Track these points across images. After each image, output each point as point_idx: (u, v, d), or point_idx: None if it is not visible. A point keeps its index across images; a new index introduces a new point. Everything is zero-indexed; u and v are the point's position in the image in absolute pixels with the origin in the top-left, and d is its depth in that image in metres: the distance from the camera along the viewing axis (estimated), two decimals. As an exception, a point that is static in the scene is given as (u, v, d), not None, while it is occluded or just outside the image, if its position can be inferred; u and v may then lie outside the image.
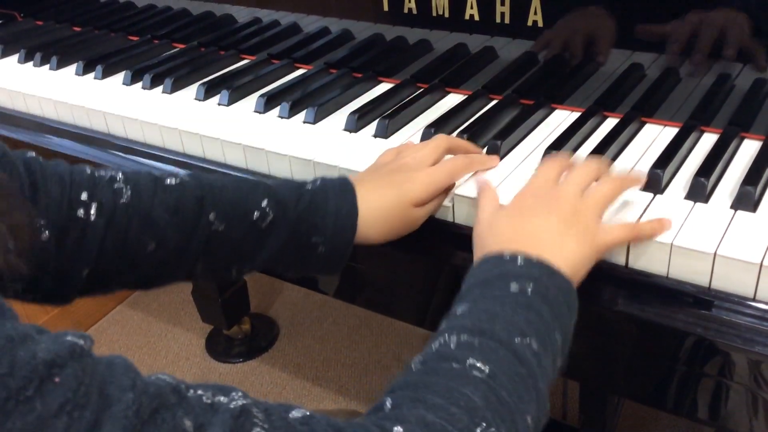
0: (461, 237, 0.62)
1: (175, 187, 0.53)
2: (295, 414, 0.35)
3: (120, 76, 0.94)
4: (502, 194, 0.61)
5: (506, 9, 0.75)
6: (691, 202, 0.58)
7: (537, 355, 0.44)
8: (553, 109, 0.77)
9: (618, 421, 1.15)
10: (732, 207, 0.57)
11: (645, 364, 0.57)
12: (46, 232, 0.48)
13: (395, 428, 0.38)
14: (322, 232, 0.56)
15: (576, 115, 0.74)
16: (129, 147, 0.83)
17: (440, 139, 0.64)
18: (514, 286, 0.46)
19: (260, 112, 0.82)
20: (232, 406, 0.32)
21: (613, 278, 0.56)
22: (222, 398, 0.32)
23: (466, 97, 0.79)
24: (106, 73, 0.95)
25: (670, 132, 0.69)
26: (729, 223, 0.55)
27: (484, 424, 0.39)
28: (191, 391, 0.32)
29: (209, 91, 0.87)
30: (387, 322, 1.55)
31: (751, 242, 0.52)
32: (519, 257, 0.48)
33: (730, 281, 0.52)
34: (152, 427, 0.29)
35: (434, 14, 0.80)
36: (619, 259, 0.56)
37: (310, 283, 0.76)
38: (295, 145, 0.73)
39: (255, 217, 0.54)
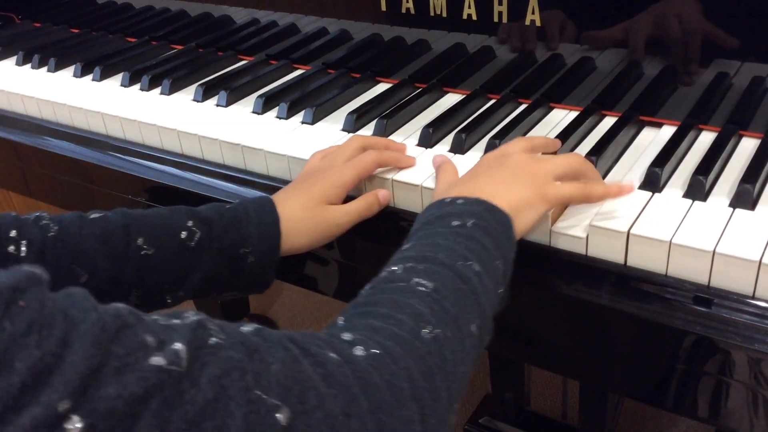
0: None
1: (100, 219, 0.56)
2: (247, 327, 0.37)
3: (118, 78, 0.94)
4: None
5: (504, 8, 0.75)
6: (690, 201, 0.58)
7: (478, 275, 0.47)
8: (551, 108, 0.77)
9: (618, 420, 1.15)
10: (730, 205, 0.57)
11: (644, 362, 0.57)
12: None
13: (344, 335, 0.40)
14: (249, 242, 0.57)
15: (574, 114, 0.74)
16: (127, 148, 0.83)
17: (356, 140, 0.66)
18: (455, 222, 0.49)
19: (258, 113, 0.82)
20: (187, 322, 0.34)
21: (612, 276, 0.56)
22: (176, 320, 0.34)
23: (464, 96, 0.79)
24: (104, 75, 0.95)
25: (668, 130, 0.69)
26: (727, 221, 0.55)
27: (430, 327, 0.42)
28: (146, 316, 0.33)
29: (207, 92, 0.86)
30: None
31: (749, 240, 0.52)
32: (459, 199, 0.51)
33: (729, 279, 0.52)
34: (118, 344, 0.30)
35: (432, 14, 0.80)
36: (618, 258, 0.56)
37: (309, 284, 0.76)
38: (293, 146, 0.72)
39: (183, 236, 0.56)
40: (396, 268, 0.46)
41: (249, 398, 0.33)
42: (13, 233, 0.52)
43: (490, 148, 0.68)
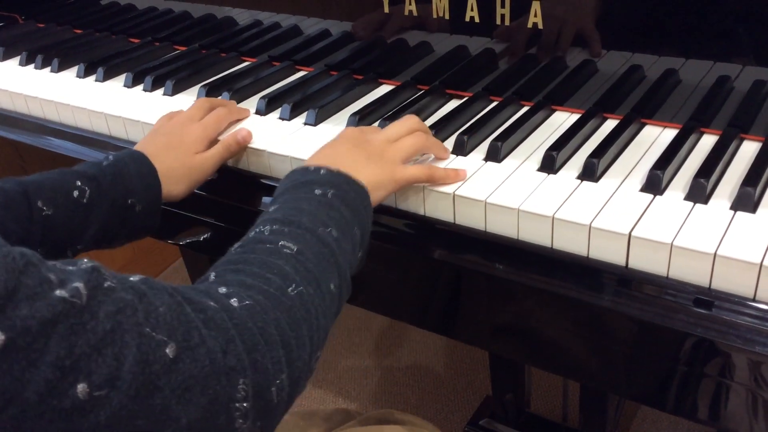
0: (461, 238, 0.62)
1: None
2: (134, 278, 0.41)
3: (121, 79, 0.94)
4: (502, 196, 0.61)
5: (506, 11, 0.75)
6: (691, 203, 0.58)
7: (337, 240, 0.52)
8: (553, 111, 0.77)
9: (618, 422, 1.15)
10: (732, 208, 0.57)
11: (645, 364, 0.57)
12: None
13: (220, 289, 0.45)
14: (134, 192, 0.64)
15: (576, 116, 0.74)
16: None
17: (201, 101, 0.78)
18: (317, 191, 0.55)
19: (261, 114, 0.82)
20: (83, 267, 0.38)
21: (614, 278, 0.56)
22: (71, 266, 0.38)
23: (466, 98, 0.80)
24: (108, 76, 0.95)
25: (669, 133, 0.69)
26: (729, 224, 0.55)
27: (294, 285, 0.47)
28: (45, 260, 0.37)
29: (210, 93, 0.87)
30: (386, 324, 1.55)
31: (750, 243, 0.52)
32: (322, 168, 0.57)
33: (730, 281, 0.52)
34: (26, 276, 0.34)
35: (434, 16, 0.80)
36: (620, 260, 0.56)
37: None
38: (295, 147, 0.73)
39: (75, 195, 0.61)
40: (264, 228, 0.51)
41: (141, 332, 0.37)
42: None
43: (492, 150, 0.68)
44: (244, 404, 0.41)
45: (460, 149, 0.69)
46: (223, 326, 0.41)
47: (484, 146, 0.70)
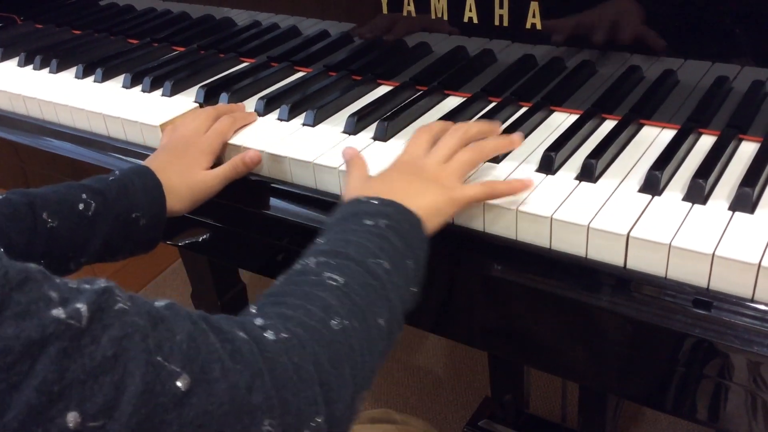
0: (459, 239, 0.62)
1: (3, 201, 0.59)
2: (159, 303, 0.38)
3: (120, 79, 0.94)
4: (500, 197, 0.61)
5: (505, 12, 0.75)
6: (690, 204, 0.58)
7: (388, 272, 0.49)
8: (551, 111, 0.77)
9: (617, 423, 1.15)
10: (730, 208, 0.57)
11: (644, 365, 0.57)
12: None
13: (256, 320, 0.42)
14: (139, 206, 0.64)
15: (575, 117, 0.74)
16: (128, 149, 0.83)
17: (207, 111, 0.76)
18: (368, 221, 0.52)
19: (260, 115, 0.82)
20: (95, 287, 0.35)
21: (612, 279, 0.56)
22: (86, 285, 0.35)
23: (465, 99, 0.80)
24: (106, 76, 0.95)
25: (668, 134, 0.69)
26: (727, 225, 0.55)
27: (338, 318, 0.44)
28: (57, 278, 0.35)
29: (209, 94, 0.87)
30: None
31: (749, 243, 0.52)
32: (374, 199, 0.54)
33: (728, 282, 0.52)
34: (19, 293, 0.32)
35: (433, 17, 0.80)
36: (618, 260, 0.56)
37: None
38: (294, 148, 0.73)
39: (81, 208, 0.61)
40: (309, 261, 0.49)
41: (149, 360, 0.34)
42: None
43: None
44: None
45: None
46: (252, 360, 0.38)
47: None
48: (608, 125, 0.73)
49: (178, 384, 0.35)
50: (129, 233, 0.64)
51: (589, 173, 0.63)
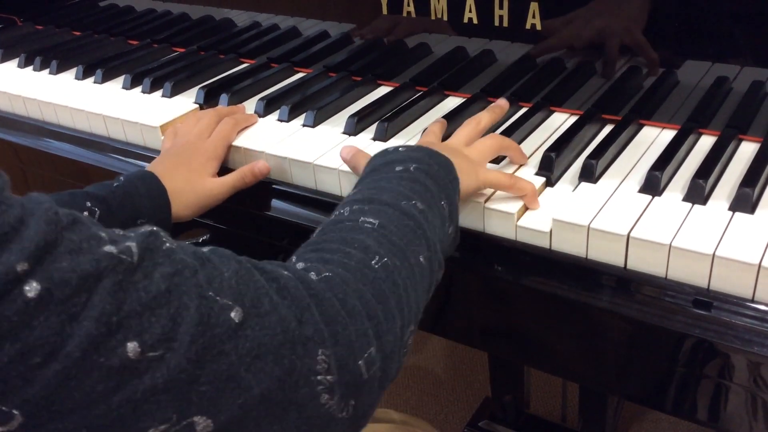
0: (461, 240, 0.62)
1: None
2: (204, 248, 0.39)
3: (120, 80, 0.94)
4: (500, 198, 0.61)
5: (505, 12, 0.75)
6: (690, 204, 0.58)
7: (423, 212, 0.50)
8: (551, 112, 0.77)
9: (618, 423, 1.15)
10: (730, 209, 0.57)
11: (644, 365, 0.57)
12: None
13: (298, 264, 0.43)
14: (144, 213, 0.64)
15: (575, 117, 0.74)
16: (128, 150, 0.83)
17: (209, 112, 0.76)
18: (398, 168, 0.52)
19: (260, 116, 0.82)
20: (141, 230, 0.36)
21: (612, 279, 0.56)
22: (132, 232, 0.37)
23: (465, 100, 0.80)
24: (106, 77, 0.95)
25: (668, 134, 0.69)
26: (727, 225, 0.55)
27: (377, 257, 0.45)
28: (101, 225, 0.36)
29: (209, 95, 0.87)
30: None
31: (749, 243, 0.52)
32: (401, 147, 0.55)
33: (728, 282, 0.52)
34: (71, 232, 0.33)
35: (433, 17, 0.80)
36: (618, 261, 0.56)
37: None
38: (294, 148, 0.73)
39: (86, 215, 0.59)
40: (343, 210, 0.49)
41: (201, 294, 0.35)
42: None
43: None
44: (328, 377, 0.38)
45: (459, 150, 0.69)
46: (298, 295, 0.39)
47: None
48: (609, 126, 0.73)
49: (232, 315, 0.35)
50: None
51: (589, 173, 0.63)
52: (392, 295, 0.44)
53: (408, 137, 0.74)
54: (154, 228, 0.37)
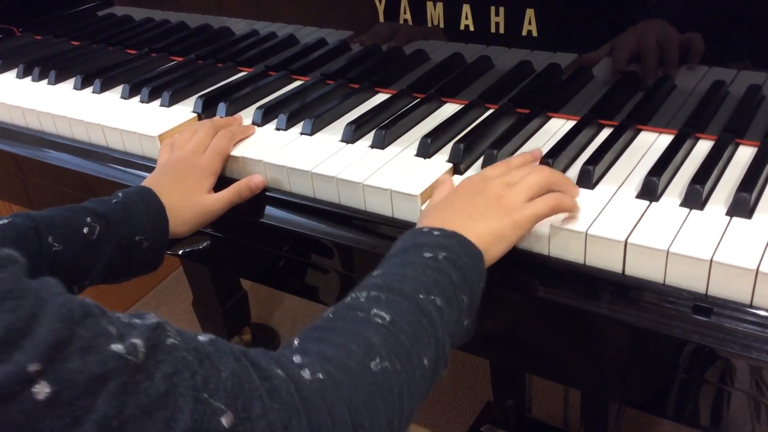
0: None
1: (8, 225, 0.59)
2: (202, 337, 0.40)
3: (118, 90, 0.94)
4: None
5: (501, 19, 0.75)
6: (687, 209, 0.58)
7: (440, 310, 0.48)
8: (548, 118, 0.77)
9: (620, 428, 1.15)
10: (727, 214, 0.57)
11: (644, 371, 0.57)
12: None
13: (294, 357, 0.43)
14: (142, 230, 0.64)
15: (572, 123, 0.74)
16: (127, 160, 0.83)
17: (205, 125, 0.76)
18: (427, 254, 0.51)
19: (258, 124, 0.82)
20: (147, 323, 0.37)
21: (610, 285, 0.56)
22: (137, 319, 0.37)
23: (462, 106, 0.80)
24: (105, 87, 0.96)
25: (665, 139, 0.69)
26: (725, 230, 0.55)
27: (378, 359, 0.44)
28: (109, 312, 0.37)
29: (207, 103, 0.87)
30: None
31: (746, 248, 0.52)
32: (435, 230, 0.54)
33: (726, 288, 0.52)
34: (83, 328, 0.34)
35: (429, 25, 0.80)
36: (616, 267, 0.56)
37: (310, 294, 0.76)
38: (292, 157, 0.73)
39: (85, 232, 0.61)
40: (360, 294, 0.48)
41: (197, 397, 0.36)
42: None
43: (488, 157, 0.68)
44: None
45: (456, 157, 0.69)
46: (289, 399, 0.39)
47: (480, 154, 0.70)
48: (606, 131, 0.73)
49: (222, 421, 0.36)
50: (132, 256, 0.64)
51: (586, 179, 0.63)
52: (383, 402, 0.43)
53: (406, 144, 0.74)
54: (160, 320, 0.38)
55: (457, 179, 0.66)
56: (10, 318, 0.32)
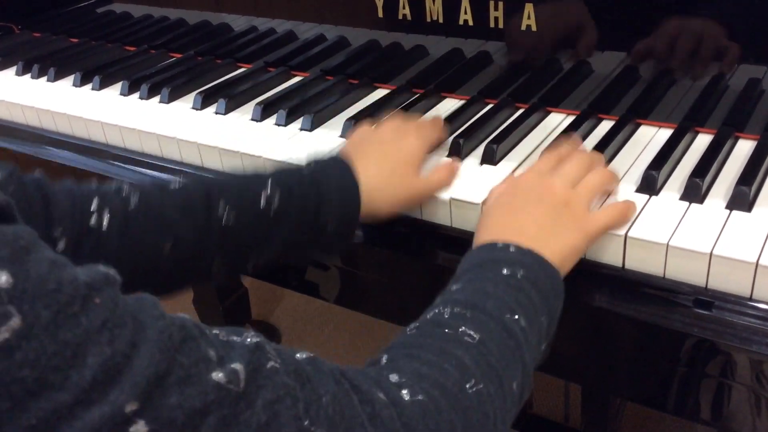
0: (461, 242, 0.62)
1: (180, 189, 0.55)
2: (301, 355, 0.37)
3: (117, 87, 0.94)
4: (498, 198, 0.61)
5: (500, 14, 0.75)
6: (687, 203, 0.58)
7: (524, 331, 0.46)
8: (548, 113, 0.77)
9: (620, 423, 1.15)
10: (727, 207, 0.57)
11: (644, 365, 0.57)
12: (62, 243, 0.50)
13: (391, 376, 0.40)
14: (330, 207, 0.56)
15: (571, 118, 0.74)
16: (127, 157, 0.83)
17: (422, 134, 0.66)
18: (506, 270, 0.48)
19: (257, 120, 0.82)
20: (247, 342, 0.35)
21: (611, 280, 0.56)
22: (236, 337, 0.35)
23: (461, 102, 0.80)
24: (104, 84, 0.95)
25: (665, 133, 0.69)
26: (724, 223, 0.55)
27: (474, 381, 0.41)
28: (207, 330, 0.34)
29: (206, 100, 0.87)
30: (389, 328, 1.55)
31: (746, 242, 0.52)
32: (511, 245, 0.50)
33: (726, 281, 0.52)
34: (183, 354, 0.31)
35: (428, 20, 0.80)
36: (616, 261, 0.56)
37: (311, 290, 0.76)
38: (292, 153, 0.73)
39: (262, 204, 0.55)
40: (444, 310, 0.46)
41: (299, 426, 0.33)
42: (94, 205, 0.51)
43: (488, 152, 0.68)
44: None
45: (456, 152, 0.69)
46: (391, 426, 0.37)
47: (480, 149, 0.70)
48: (605, 125, 0.73)
49: None
50: (315, 236, 0.57)
51: (586, 174, 0.63)
52: (480, 428, 0.41)
53: (405, 140, 0.74)
54: (260, 339, 0.35)
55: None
56: (108, 352, 0.29)
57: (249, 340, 0.35)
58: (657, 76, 0.72)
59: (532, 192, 0.55)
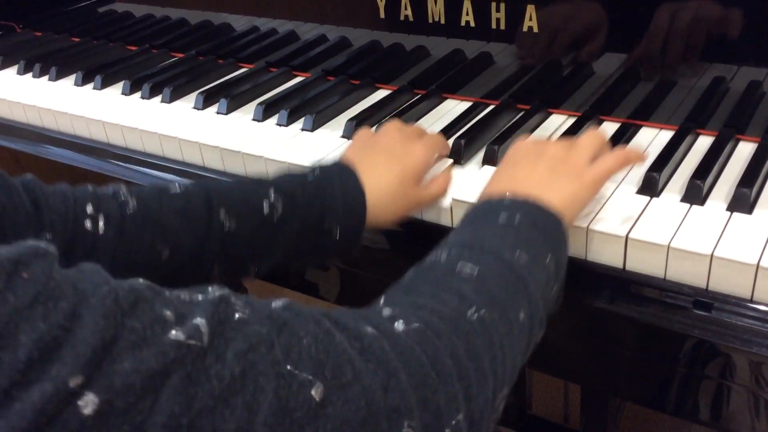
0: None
1: (181, 194, 0.53)
2: (277, 303, 0.35)
3: (119, 86, 0.94)
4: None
5: (501, 15, 0.75)
6: (688, 205, 0.58)
7: (527, 266, 0.45)
8: (549, 114, 0.77)
9: (620, 423, 1.15)
10: (728, 209, 0.57)
11: (644, 366, 0.57)
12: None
13: (384, 310, 0.38)
14: (334, 216, 0.55)
15: (573, 119, 0.74)
16: (128, 156, 0.83)
17: (432, 146, 0.64)
18: (503, 217, 0.48)
19: (258, 120, 0.82)
20: (210, 297, 0.32)
21: (611, 281, 0.56)
22: (199, 295, 0.33)
23: (463, 103, 0.80)
24: (105, 84, 0.96)
25: (666, 135, 0.70)
26: (725, 225, 0.55)
27: (474, 308, 0.40)
28: (166, 291, 0.32)
29: (208, 99, 0.87)
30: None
31: (747, 243, 0.52)
32: (506, 196, 0.50)
33: (727, 282, 0.52)
34: (133, 318, 0.29)
35: (430, 21, 0.80)
36: (617, 262, 0.56)
37: (311, 290, 0.76)
38: (293, 153, 0.73)
39: (265, 211, 0.53)
40: (441, 254, 0.45)
41: (279, 372, 0.31)
42: (89, 209, 0.49)
43: (489, 153, 0.68)
44: None
45: (457, 153, 0.70)
46: (383, 357, 0.35)
47: (481, 151, 0.70)
48: (606, 127, 0.73)
49: (313, 393, 0.32)
50: (319, 243, 0.56)
51: (587, 175, 0.63)
52: (487, 353, 0.39)
53: (406, 140, 0.74)
54: (224, 292, 0.33)
55: (457, 174, 0.66)
56: (43, 328, 0.27)
57: (212, 295, 0.33)
58: (658, 78, 0.72)
59: (530, 153, 0.55)
